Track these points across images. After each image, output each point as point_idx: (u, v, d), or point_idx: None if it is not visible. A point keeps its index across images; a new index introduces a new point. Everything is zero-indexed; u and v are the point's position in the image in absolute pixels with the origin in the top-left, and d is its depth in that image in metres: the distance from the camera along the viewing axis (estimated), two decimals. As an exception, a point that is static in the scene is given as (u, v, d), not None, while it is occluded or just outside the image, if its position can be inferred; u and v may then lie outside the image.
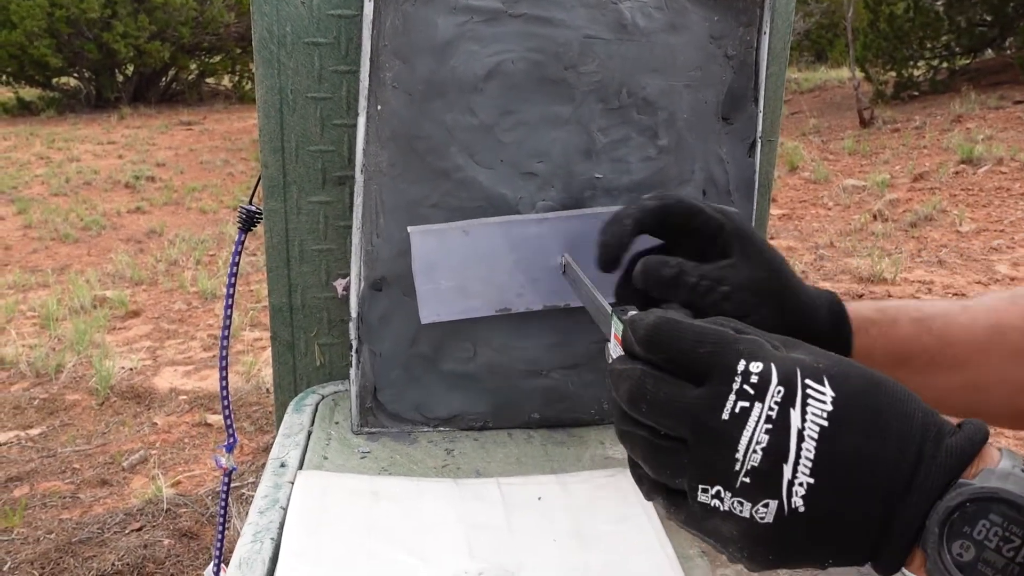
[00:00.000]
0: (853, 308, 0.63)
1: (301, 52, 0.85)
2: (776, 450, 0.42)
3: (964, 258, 4.37)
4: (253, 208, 0.95)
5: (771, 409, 0.42)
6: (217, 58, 12.82)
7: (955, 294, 3.83)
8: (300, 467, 0.77)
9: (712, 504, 0.43)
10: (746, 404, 0.42)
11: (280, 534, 0.66)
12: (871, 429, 0.42)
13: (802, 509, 0.41)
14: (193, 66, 12.82)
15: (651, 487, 0.47)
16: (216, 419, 2.83)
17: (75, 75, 11.94)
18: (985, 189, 5.52)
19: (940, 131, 7.15)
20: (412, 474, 0.77)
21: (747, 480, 0.42)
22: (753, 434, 0.42)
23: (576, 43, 0.76)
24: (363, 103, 0.76)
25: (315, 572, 0.59)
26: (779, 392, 0.42)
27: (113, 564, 1.95)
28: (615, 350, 0.53)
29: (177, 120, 10.66)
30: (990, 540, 0.38)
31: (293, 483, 0.74)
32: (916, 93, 9.15)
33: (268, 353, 3.33)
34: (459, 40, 0.75)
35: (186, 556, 1.99)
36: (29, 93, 12.00)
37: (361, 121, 0.77)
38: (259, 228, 0.96)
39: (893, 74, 9.30)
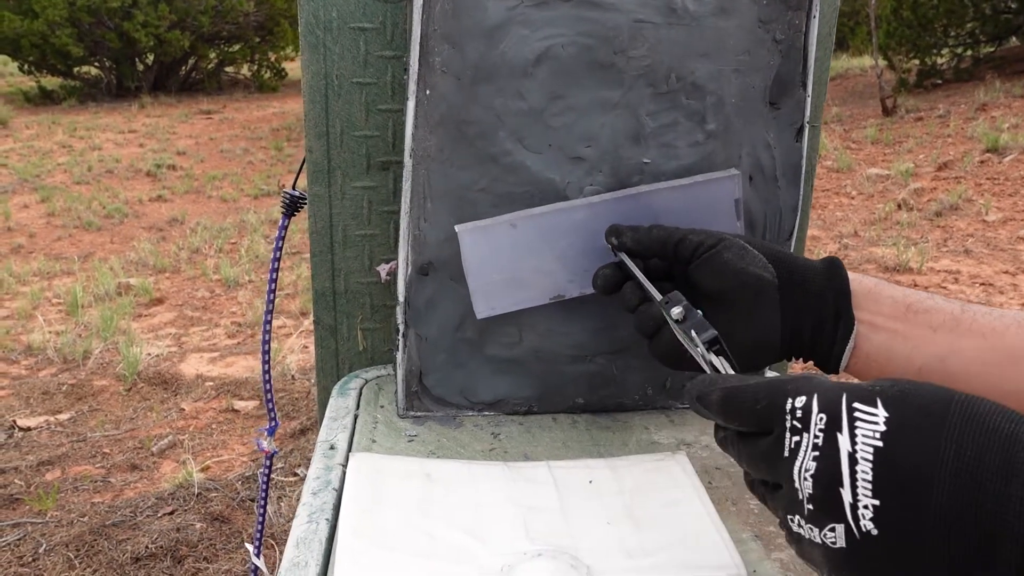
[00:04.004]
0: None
1: (347, 37, 0.85)
2: (826, 475, 0.42)
3: (991, 247, 4.33)
4: (297, 193, 0.96)
5: (816, 437, 0.43)
6: (236, 47, 12.85)
7: (982, 284, 3.79)
8: (349, 450, 0.78)
9: (796, 532, 0.45)
10: (797, 438, 0.45)
11: (334, 515, 0.67)
12: (934, 444, 0.39)
13: (875, 532, 0.40)
14: (212, 55, 12.86)
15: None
16: (243, 405, 2.85)
17: (96, 64, 12.01)
18: (1011, 178, 5.45)
19: (964, 120, 7.07)
20: (460, 457, 0.77)
21: (811, 507, 0.43)
22: (801, 464, 0.44)
23: (626, 27, 0.76)
24: (412, 88, 0.76)
25: (374, 551, 0.60)
26: (821, 420, 0.44)
27: (147, 547, 1.97)
28: None
29: (197, 109, 10.71)
30: None
31: (344, 465, 0.74)
32: (940, 81, 9.04)
33: (292, 340, 3.35)
34: (509, 24, 0.75)
35: (219, 539, 2.01)
36: (51, 82, 12.09)
37: (410, 106, 0.77)
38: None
39: (916, 62, 9.20)
